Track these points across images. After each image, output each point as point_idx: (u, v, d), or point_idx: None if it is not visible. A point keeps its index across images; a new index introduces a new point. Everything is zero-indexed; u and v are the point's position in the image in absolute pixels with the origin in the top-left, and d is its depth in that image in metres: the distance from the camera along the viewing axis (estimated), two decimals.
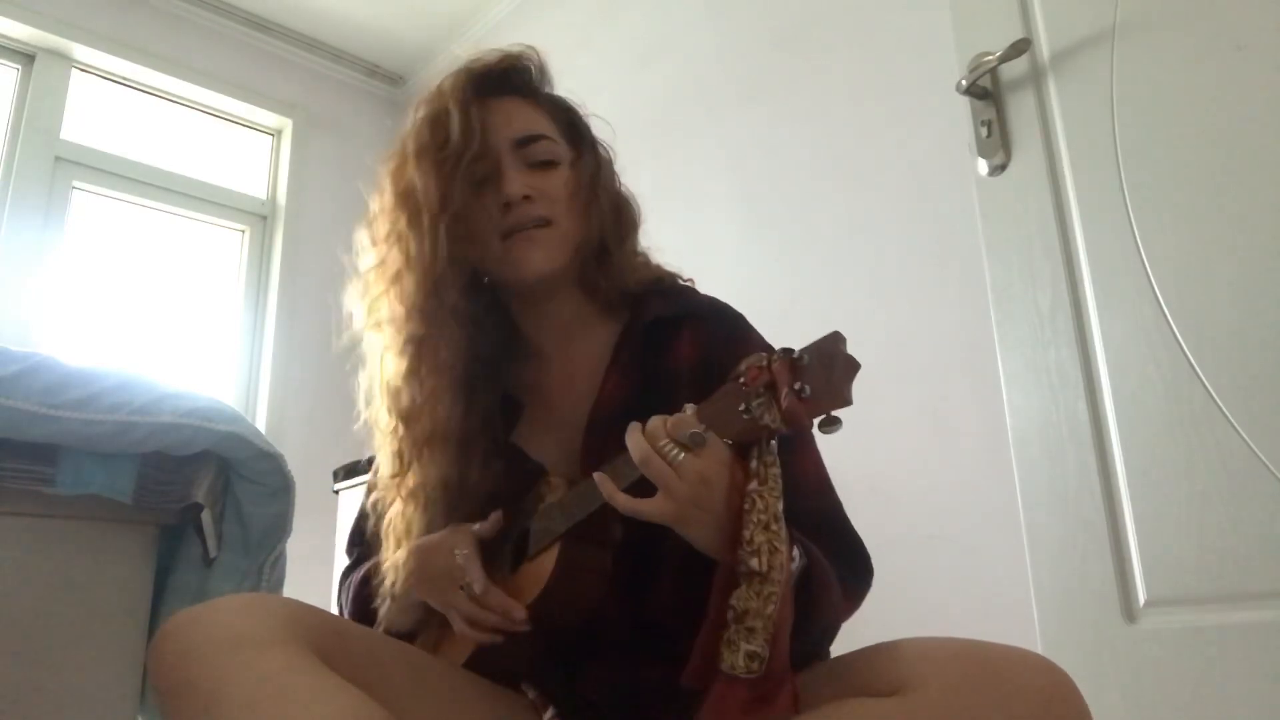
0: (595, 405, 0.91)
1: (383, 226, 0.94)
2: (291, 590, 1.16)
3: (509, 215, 0.91)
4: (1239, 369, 1.09)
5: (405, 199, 0.92)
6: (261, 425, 2.82)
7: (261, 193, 3.13)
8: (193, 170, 2.96)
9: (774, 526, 0.67)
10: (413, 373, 0.91)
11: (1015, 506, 1.30)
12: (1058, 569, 1.23)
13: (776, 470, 0.70)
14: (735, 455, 0.71)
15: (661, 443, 0.70)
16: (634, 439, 0.71)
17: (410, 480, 0.92)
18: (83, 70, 2.79)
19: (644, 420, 0.73)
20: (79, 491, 0.95)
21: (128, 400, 0.94)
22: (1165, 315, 1.16)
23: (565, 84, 1.05)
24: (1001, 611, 1.42)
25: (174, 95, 2.98)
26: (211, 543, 1.05)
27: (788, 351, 0.67)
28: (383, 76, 3.45)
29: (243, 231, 3.06)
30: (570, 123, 1.01)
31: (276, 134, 3.22)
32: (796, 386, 0.65)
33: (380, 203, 0.95)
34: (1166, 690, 1.10)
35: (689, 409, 0.72)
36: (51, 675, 0.94)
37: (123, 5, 2.85)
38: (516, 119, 0.95)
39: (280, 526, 1.10)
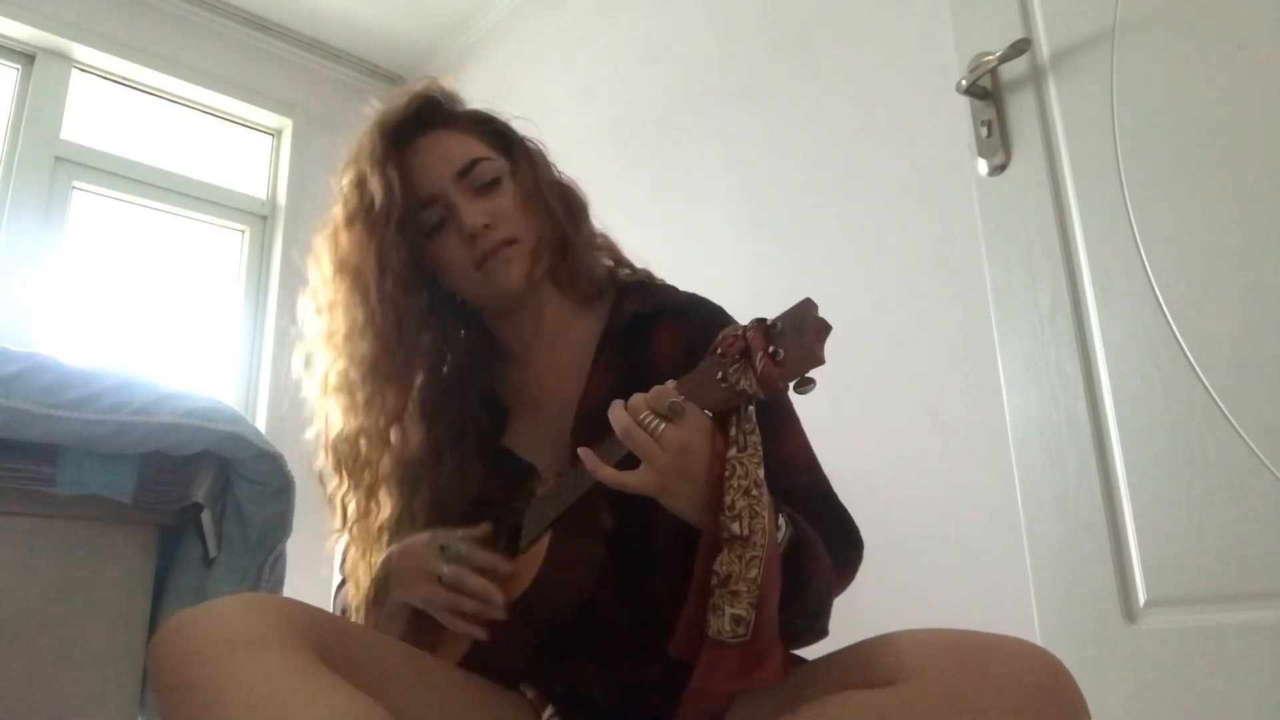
0: (581, 402, 0.92)
1: (324, 295, 0.98)
2: (291, 590, 1.16)
3: (475, 246, 0.94)
4: (1239, 369, 1.09)
5: (343, 267, 0.96)
6: (261, 425, 2.82)
7: (261, 193, 3.12)
8: (193, 170, 2.95)
9: (754, 491, 0.68)
10: (363, 430, 0.96)
11: (1015, 506, 1.29)
12: (1058, 569, 1.23)
13: (756, 438, 0.71)
14: (715, 425, 0.72)
15: (642, 415, 0.72)
16: (616, 413, 0.73)
17: (372, 523, 0.97)
18: (83, 70, 2.79)
19: None
20: (79, 491, 0.95)
21: (128, 400, 0.94)
22: (1165, 315, 1.16)
23: (565, 84, 1.05)
24: (1001, 611, 1.42)
25: (174, 95, 2.98)
26: (211, 543, 1.05)
27: (761, 320, 0.69)
28: (383, 76, 3.45)
29: (243, 231, 3.06)
30: (495, 132, 1.03)
31: (276, 134, 3.22)
32: (770, 350, 0.67)
33: (319, 272, 0.99)
34: (1166, 690, 1.10)
35: (670, 383, 0.74)
36: (51, 675, 0.94)
37: (123, 5, 2.85)
38: (449, 151, 0.97)
39: (280, 526, 1.10)
